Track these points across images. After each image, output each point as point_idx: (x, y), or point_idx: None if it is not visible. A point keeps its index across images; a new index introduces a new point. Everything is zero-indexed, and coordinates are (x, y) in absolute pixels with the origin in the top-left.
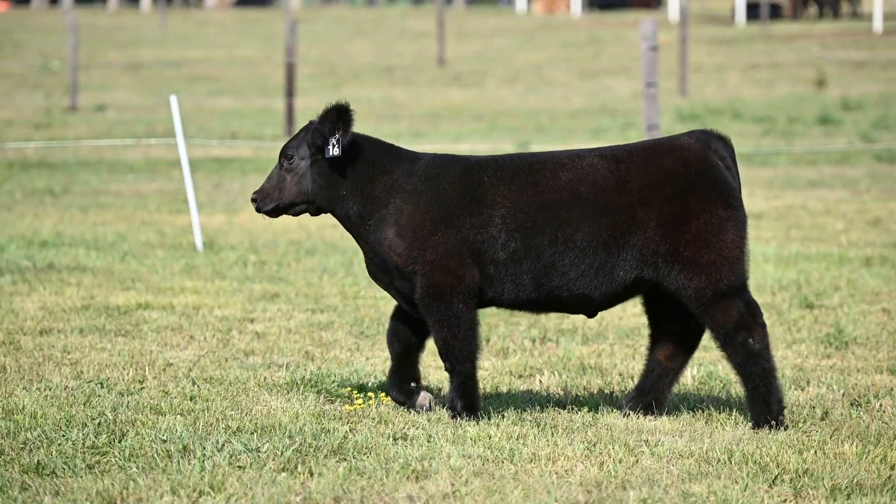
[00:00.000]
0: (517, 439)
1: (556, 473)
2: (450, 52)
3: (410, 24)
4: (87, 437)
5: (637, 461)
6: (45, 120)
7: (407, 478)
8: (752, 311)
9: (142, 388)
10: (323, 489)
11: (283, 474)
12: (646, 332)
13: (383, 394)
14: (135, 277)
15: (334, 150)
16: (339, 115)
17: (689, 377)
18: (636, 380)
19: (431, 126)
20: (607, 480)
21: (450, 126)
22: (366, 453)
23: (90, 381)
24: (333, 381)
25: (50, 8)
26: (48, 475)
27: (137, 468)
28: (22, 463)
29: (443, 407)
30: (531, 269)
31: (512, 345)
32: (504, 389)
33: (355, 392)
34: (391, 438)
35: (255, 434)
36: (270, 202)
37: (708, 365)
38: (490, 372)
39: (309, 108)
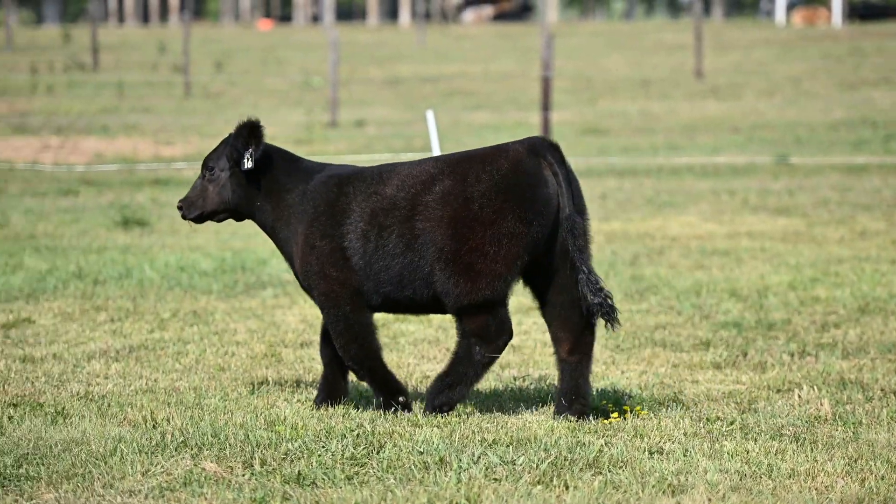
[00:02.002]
0: (775, 454)
1: (816, 490)
2: (707, 64)
3: (667, 37)
4: (347, 449)
5: None
6: (307, 135)
7: (663, 492)
8: (500, 328)
9: None
10: (578, 502)
11: (539, 487)
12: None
13: (639, 407)
14: None
15: (247, 164)
16: (250, 132)
17: None
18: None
19: (688, 139)
20: (869, 498)
21: (706, 139)
22: (621, 467)
23: (349, 393)
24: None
25: (312, 25)
26: (309, 486)
27: (395, 479)
28: (283, 473)
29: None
30: (369, 274)
31: (770, 359)
32: (762, 404)
33: (610, 405)
34: (647, 452)
35: (511, 446)
36: (195, 210)
37: None
38: (748, 386)
39: (565, 122)
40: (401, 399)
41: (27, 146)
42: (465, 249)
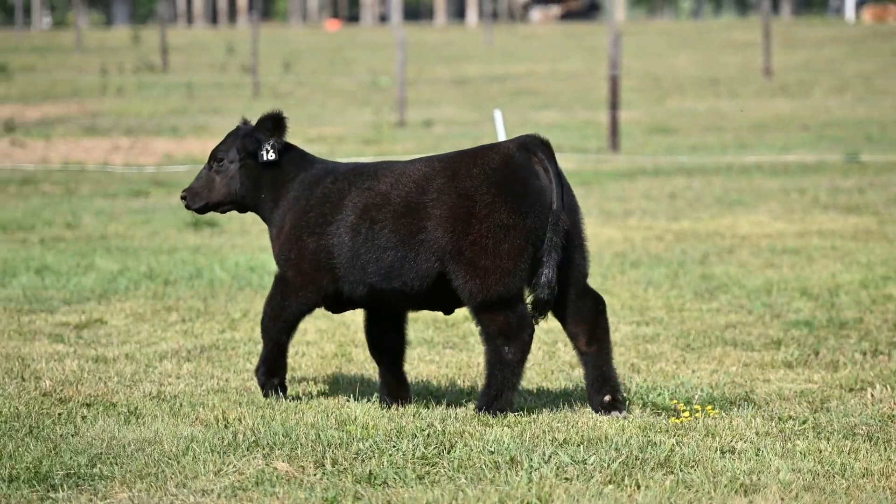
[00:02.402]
0: (849, 454)
1: (890, 489)
2: (776, 62)
3: (736, 35)
4: (417, 448)
5: None
6: (375, 135)
7: (735, 492)
8: (521, 323)
9: (469, 400)
10: (650, 502)
11: (610, 487)
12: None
13: (710, 406)
14: None
15: (269, 155)
16: (275, 123)
17: None
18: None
19: (757, 137)
20: None
21: (776, 137)
22: (693, 466)
23: (419, 393)
24: (659, 394)
25: (379, 25)
26: (380, 485)
27: (466, 479)
28: (355, 473)
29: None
30: (357, 267)
31: (842, 358)
32: (834, 403)
33: (682, 405)
34: (718, 451)
35: (582, 446)
36: (200, 200)
37: None
38: (820, 385)
39: (632, 121)
40: (271, 383)
41: (97, 147)
42: (465, 245)
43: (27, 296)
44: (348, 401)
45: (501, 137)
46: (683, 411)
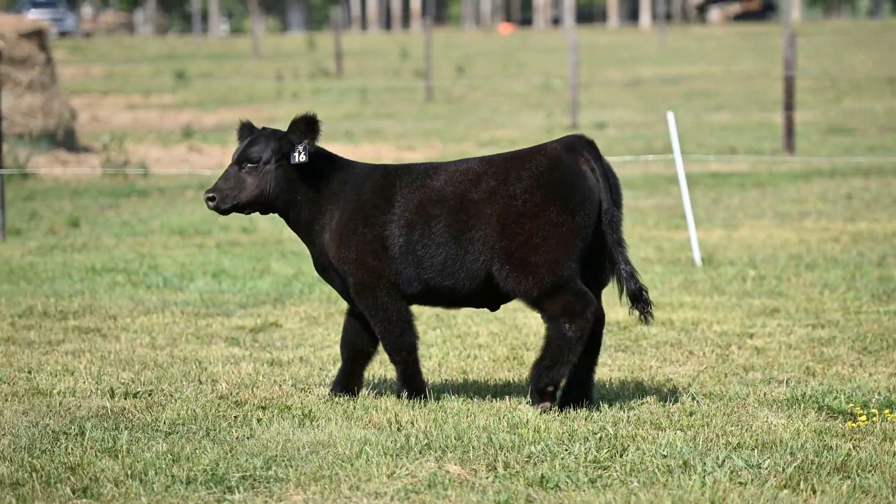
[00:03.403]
0: None
1: None
2: None
3: None
4: (589, 452)
5: None
6: (547, 138)
7: None
8: (581, 301)
9: (642, 404)
10: None
11: (785, 491)
12: None
13: (888, 410)
14: None
15: (301, 157)
16: (307, 126)
17: None
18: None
19: None
20: None
21: None
22: (870, 471)
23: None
24: (835, 398)
25: (552, 28)
26: (552, 489)
27: (638, 483)
28: (526, 476)
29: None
30: (410, 262)
31: None
32: None
33: (858, 408)
34: None
35: (756, 450)
36: (230, 201)
37: None
38: None
39: (808, 122)
40: (419, 397)
41: None
42: (516, 245)
43: (204, 299)
44: (520, 404)
45: (674, 140)
46: (860, 415)
